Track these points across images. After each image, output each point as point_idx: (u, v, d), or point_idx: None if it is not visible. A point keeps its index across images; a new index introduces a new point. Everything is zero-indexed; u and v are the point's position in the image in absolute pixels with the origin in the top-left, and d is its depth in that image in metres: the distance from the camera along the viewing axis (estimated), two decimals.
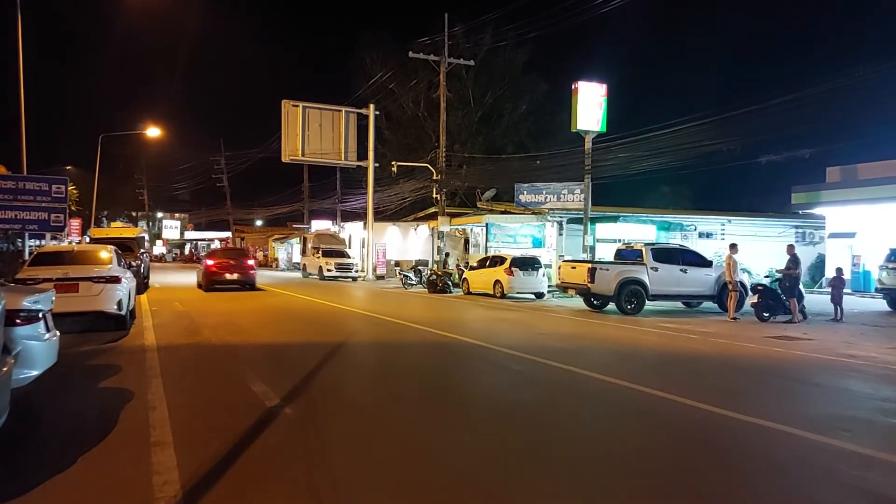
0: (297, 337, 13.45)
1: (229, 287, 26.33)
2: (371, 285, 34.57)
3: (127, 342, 12.06)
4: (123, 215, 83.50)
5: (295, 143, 38.74)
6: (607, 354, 11.98)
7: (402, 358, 11.21)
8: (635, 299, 19.72)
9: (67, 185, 21.47)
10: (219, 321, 15.58)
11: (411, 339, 13.31)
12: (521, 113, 48.34)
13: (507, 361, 10.55)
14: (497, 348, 11.66)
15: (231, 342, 12.15)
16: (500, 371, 9.97)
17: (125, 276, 14.02)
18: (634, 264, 20.16)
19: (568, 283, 21.12)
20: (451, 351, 11.78)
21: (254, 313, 17.88)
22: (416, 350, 11.97)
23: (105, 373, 9.05)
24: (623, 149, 28.40)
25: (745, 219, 33.03)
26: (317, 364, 9.79)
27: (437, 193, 34.23)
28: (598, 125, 27.62)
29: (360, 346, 12.21)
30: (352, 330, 14.45)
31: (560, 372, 9.64)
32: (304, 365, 9.76)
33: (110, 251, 14.43)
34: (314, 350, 11.49)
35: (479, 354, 11.35)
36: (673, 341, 13.69)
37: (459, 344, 12.39)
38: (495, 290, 25.65)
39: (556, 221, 30.52)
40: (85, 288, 12.80)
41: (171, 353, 10.77)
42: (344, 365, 10.10)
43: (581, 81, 27.46)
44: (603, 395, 8.31)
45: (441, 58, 33.73)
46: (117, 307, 13.10)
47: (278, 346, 12.13)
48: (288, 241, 59.75)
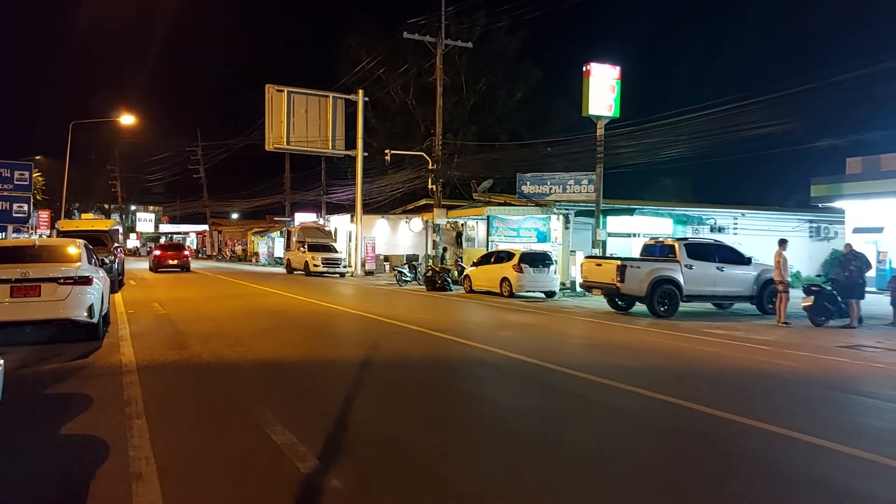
0: (303, 350, 11.29)
1: (171, 269, 37.11)
2: (361, 282, 32.43)
3: (100, 358, 9.87)
4: (96, 207, 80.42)
5: (279, 130, 36.39)
6: (690, 376, 9.94)
7: (448, 384, 8.98)
8: (669, 300, 17.84)
9: (32, 172, 19.10)
10: (207, 328, 13.40)
11: (443, 353, 11.17)
12: (515, 101, 46.29)
13: (585, 390, 8.46)
14: (558, 368, 9.58)
15: (227, 358, 10.00)
16: (586, 406, 7.85)
17: (97, 275, 11.79)
18: (667, 262, 18.24)
19: (592, 283, 19.13)
20: (501, 372, 9.64)
21: (245, 317, 15.71)
22: (458, 371, 9.82)
23: (71, 408, 6.89)
24: (633, 137, 26.52)
25: (759, 212, 31.29)
26: (342, 393, 7.71)
27: (433, 184, 32.09)
28: (611, 110, 25.65)
29: (384, 364, 10.04)
30: (365, 340, 12.31)
31: (659, 406, 7.61)
32: (327, 394, 7.69)
33: (80, 246, 12.17)
34: (330, 370, 9.42)
35: (541, 378, 9.20)
36: (743, 353, 11.75)
37: (506, 362, 10.23)
38: (502, 288, 23.64)
39: (562, 214, 28.54)
40: (48, 291, 10.59)
41: (156, 377, 8.61)
42: (378, 395, 7.96)
43: (593, 63, 25.46)
44: (734, 442, 6.30)
45: (437, 39, 31.57)
46: (87, 314, 10.90)
47: (285, 364, 9.97)
48: (268, 235, 57.29)
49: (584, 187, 28.97)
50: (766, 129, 24.34)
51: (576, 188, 29.15)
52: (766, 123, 23.80)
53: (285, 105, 36.37)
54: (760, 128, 24.16)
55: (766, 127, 24.11)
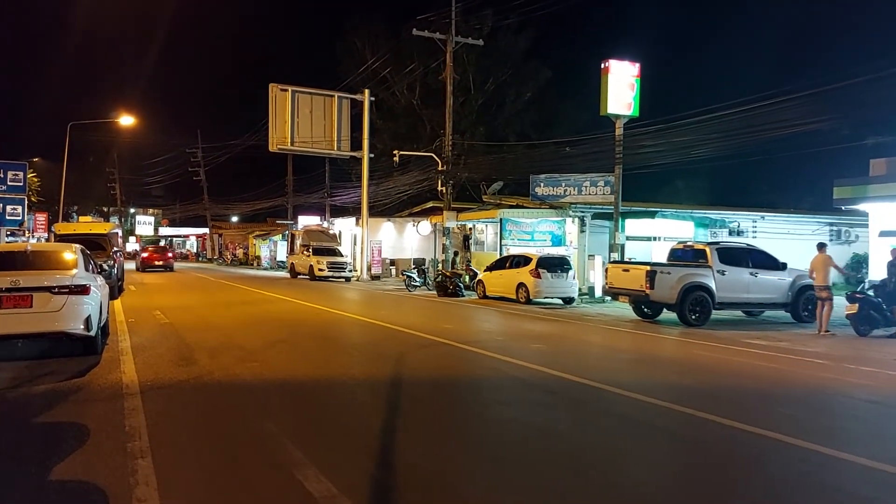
0: (323, 366, 10.24)
1: (156, 269, 41.65)
2: (368, 287, 31.40)
3: (98, 377, 8.84)
4: (94, 210, 79.30)
5: (283, 130, 35.39)
6: (764, 399, 8.93)
7: (498, 411, 7.76)
8: (700, 308, 16.85)
9: (26, 172, 18.08)
10: (214, 339, 12.37)
11: (478, 371, 10.05)
12: (524, 101, 45.23)
13: (654, 417, 7.40)
14: (612, 390, 8.53)
15: (240, 376, 8.97)
16: (665, 440, 6.79)
17: (95, 283, 10.77)
18: (698, 267, 17.25)
19: (619, 289, 18.12)
20: (553, 396, 8.53)
21: (254, 327, 14.67)
22: (503, 394, 8.63)
23: (64, 444, 5.87)
24: (651, 137, 25.52)
25: (779, 215, 30.31)
26: (377, 421, 6.71)
27: (443, 186, 31.05)
28: (631, 109, 24.68)
29: (418, 384, 8.94)
30: (390, 354, 11.28)
31: (749, 441, 6.60)
32: (360, 423, 6.68)
33: (76, 251, 11.15)
34: (359, 391, 8.38)
35: (601, 404, 8.09)
36: (802, 369, 10.73)
37: (554, 383, 9.10)
38: (518, 294, 22.62)
39: (577, 217, 27.54)
40: (41, 301, 9.57)
41: (161, 401, 7.59)
42: (421, 425, 6.89)
43: (612, 60, 24.50)
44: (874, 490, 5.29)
45: (448, 36, 30.55)
46: (85, 326, 9.87)
47: (305, 383, 8.92)
48: (270, 238, 56.21)
49: (601, 189, 27.96)
50: (785, 131, 23.40)
51: (592, 190, 28.13)
52: (786, 125, 22.88)
53: (289, 105, 35.40)
54: (778, 129, 23.22)
55: (784, 128, 23.17)
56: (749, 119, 23.15)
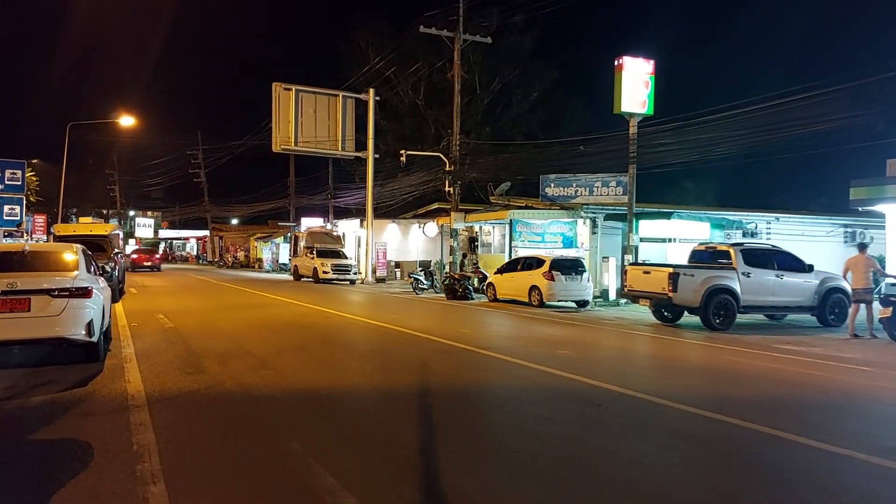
0: (342, 374, 9.55)
1: (144, 269, 45.24)
2: (374, 289, 30.76)
3: (101, 387, 8.20)
4: (94, 212, 78.58)
5: (287, 130, 34.73)
6: (827, 411, 8.30)
7: (545, 427, 6.85)
8: (724, 312, 16.21)
9: (25, 170, 17.44)
10: (222, 345, 11.71)
11: (510, 380, 9.31)
12: (531, 101, 44.60)
13: (726, 437, 6.77)
14: (664, 402, 7.85)
15: (254, 386, 8.32)
16: (749, 463, 6.18)
17: (97, 286, 10.13)
18: (722, 269, 16.62)
19: (638, 292, 17.47)
20: (598, 408, 7.89)
21: (263, 331, 14.02)
22: (544, 406, 7.78)
23: (65, 466, 5.24)
24: (665, 136, 24.90)
25: (793, 216, 29.68)
26: (413, 438, 6.06)
27: (451, 186, 30.38)
28: (645, 107, 24.05)
29: (448, 395, 8.21)
30: (410, 361, 10.63)
31: (843, 466, 5.96)
32: (395, 442, 6.04)
33: (77, 252, 10.50)
34: (386, 403, 7.74)
35: (658, 419, 7.35)
36: (850, 378, 10.11)
37: (593, 393, 8.43)
38: (531, 297, 21.98)
39: (589, 218, 26.90)
40: (40, 305, 8.93)
41: (171, 414, 6.95)
42: (464, 444, 6.12)
43: (626, 56, 23.87)
44: None
45: (455, 34, 29.90)
46: (86, 331, 9.23)
47: (326, 394, 8.22)
48: (272, 241, 55.53)
49: (613, 189, 27.34)
50: (797, 131, 22.78)
51: (603, 190, 27.50)
52: (798, 124, 22.26)
53: (293, 104, 34.75)
54: (791, 129, 22.60)
55: (796, 128, 22.55)
56: (762, 118, 22.53)
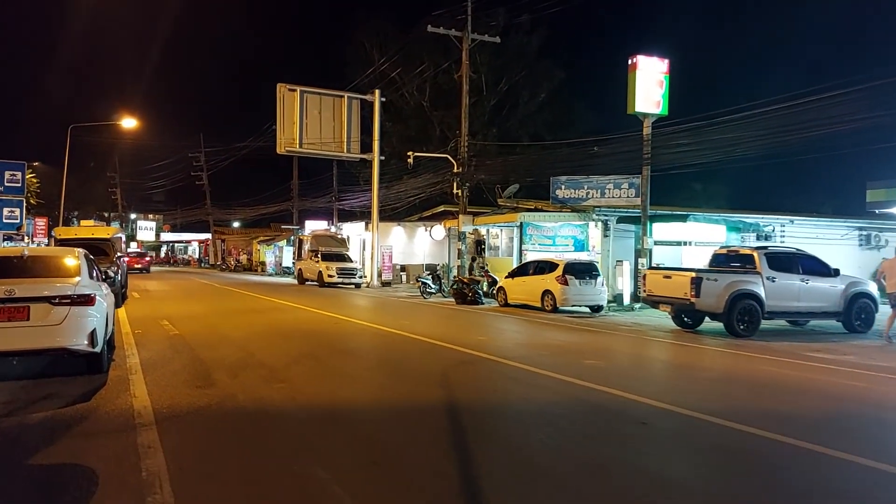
0: (361, 387, 8.96)
1: (134, 271, 45.53)
2: (380, 293, 30.22)
3: (105, 402, 7.65)
4: (95, 215, 78.08)
5: (291, 132, 34.20)
6: (888, 428, 7.73)
7: (594, 450, 6.27)
8: (748, 318, 15.65)
9: (25, 172, 16.91)
10: (231, 354, 11.16)
11: (543, 394, 8.62)
12: (537, 102, 44.06)
13: (799, 462, 6.25)
14: (713, 420, 7.27)
15: (269, 401, 7.76)
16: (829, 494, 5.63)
17: (100, 292, 9.57)
18: (746, 273, 16.07)
19: (659, 297, 16.91)
20: (644, 427, 7.26)
21: (272, 339, 13.46)
22: (587, 425, 7.19)
23: (66, 495, 4.68)
24: (679, 137, 24.35)
25: (808, 219, 29.11)
26: (451, 463, 5.50)
27: (459, 188, 29.84)
28: (659, 107, 23.46)
29: (479, 412, 7.49)
30: (430, 372, 10.05)
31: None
32: (433, 469, 5.47)
33: (79, 257, 9.95)
34: (414, 422, 7.15)
35: (714, 440, 6.73)
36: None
37: (635, 408, 7.76)
38: (544, 302, 21.41)
39: (601, 220, 26.34)
40: (39, 313, 8.39)
41: (182, 434, 6.40)
42: (510, 473, 5.49)
43: (640, 55, 23.31)
44: None
45: (463, 33, 29.37)
46: (89, 341, 8.68)
47: (347, 410, 7.61)
48: (275, 244, 55.01)
49: (625, 191, 26.78)
50: (811, 133, 22.23)
51: (615, 192, 26.94)
52: (812, 126, 21.71)
53: (297, 105, 34.23)
54: (805, 131, 22.06)
55: (811, 130, 22.00)
56: (779, 119, 21.98)
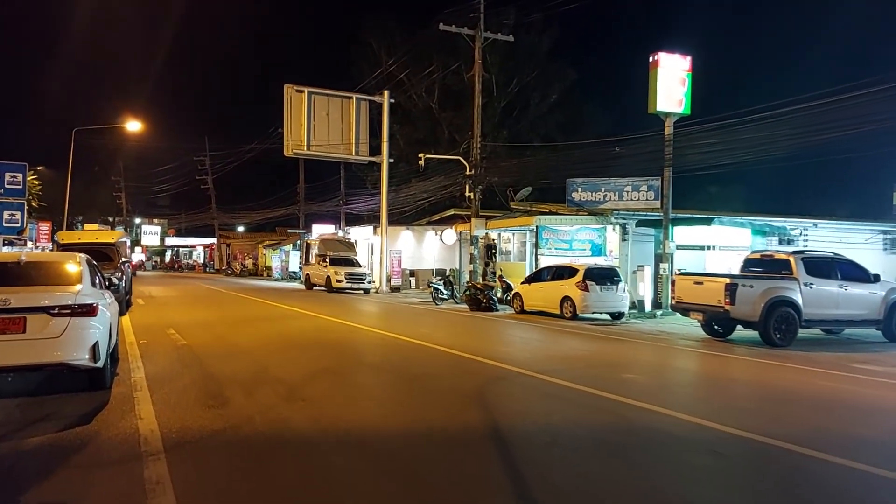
0: (392, 409, 8.10)
1: None
2: (391, 299, 29.44)
3: (108, 424, 6.87)
4: (100, 220, 77.43)
5: (299, 134, 33.41)
6: None
7: (674, 488, 5.50)
8: (785, 326, 14.86)
9: (26, 173, 16.18)
10: (244, 368, 10.38)
11: (594, 416, 7.77)
12: (548, 103, 43.30)
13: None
14: (801, 451, 6.46)
15: (290, 425, 6.97)
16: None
17: (104, 301, 8.81)
18: (783, 279, 15.27)
19: (689, 304, 16.09)
20: (740, 465, 6.12)
21: (286, 349, 12.69)
22: (658, 455, 6.44)
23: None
24: (697, 138, 23.58)
25: (831, 223, 28.29)
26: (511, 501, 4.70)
27: (471, 191, 29.07)
28: (682, 106, 22.75)
29: (533, 441, 6.59)
30: (463, 389, 9.25)
31: None
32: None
33: (80, 262, 9.18)
34: (461, 454, 6.30)
35: (811, 476, 5.95)
36: None
37: (711, 437, 6.82)
38: (563, 309, 20.61)
39: (619, 224, 25.56)
40: (37, 325, 7.64)
41: (194, 465, 5.62)
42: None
43: (661, 53, 22.58)
44: None
45: (476, 31, 28.62)
46: (91, 356, 7.92)
47: (382, 437, 6.76)
48: (281, 248, 54.27)
49: (644, 194, 26.04)
50: (833, 134, 21.44)
51: (634, 195, 26.19)
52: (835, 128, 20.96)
53: (305, 107, 33.44)
54: (828, 132, 21.29)
55: (832, 132, 21.23)
56: (804, 119, 21.21)
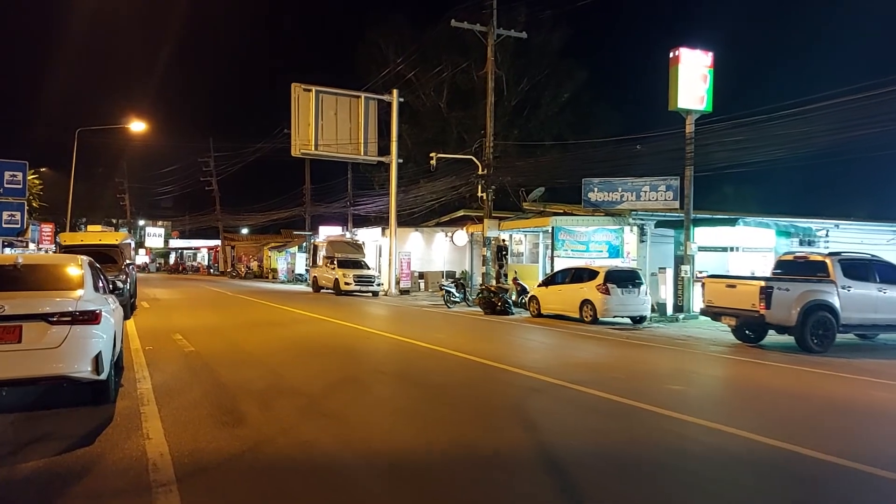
0: (430, 427, 7.24)
1: None
2: (401, 302, 28.73)
3: (112, 445, 6.15)
4: (103, 222, 76.84)
5: (307, 133, 32.74)
6: None
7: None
8: (823, 331, 14.14)
9: (26, 172, 15.49)
10: (259, 378, 9.66)
11: (662, 439, 7.00)
12: (560, 102, 42.60)
13: None
14: None
15: (317, 446, 6.25)
16: None
17: (107, 307, 8.11)
18: (819, 282, 14.53)
19: (721, 308, 15.36)
20: (835, 497, 5.78)
21: (301, 356, 11.98)
22: (749, 491, 5.81)
23: None
24: (719, 136, 22.83)
25: (853, 224, 27.53)
26: None
27: (484, 192, 28.34)
28: (703, 103, 22.04)
29: (590, 465, 5.86)
30: (501, 404, 8.51)
31: None
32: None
33: (82, 265, 8.47)
34: (517, 487, 5.59)
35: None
36: None
37: (790, 461, 6.03)
38: (583, 312, 19.87)
39: (637, 225, 24.83)
40: (34, 333, 6.95)
41: (211, 498, 4.90)
42: None
43: (683, 48, 21.88)
44: None
45: (489, 28, 27.90)
46: (93, 367, 7.22)
47: (422, 462, 6.02)
48: (287, 250, 53.58)
49: (662, 194, 25.27)
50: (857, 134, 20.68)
51: (652, 195, 25.42)
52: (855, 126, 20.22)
53: (313, 106, 32.78)
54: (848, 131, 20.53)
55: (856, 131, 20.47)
56: (829, 116, 20.44)
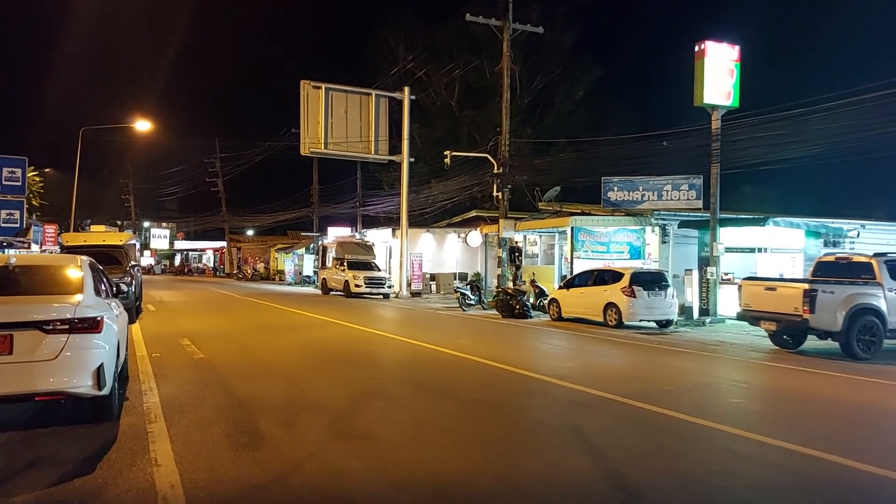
0: (477, 452, 6.32)
1: None
2: (413, 305, 27.93)
3: (115, 474, 5.33)
4: (108, 223, 76.14)
5: (316, 132, 31.96)
6: None
7: None
8: (870, 336, 13.30)
9: (25, 169, 14.72)
10: (276, 389, 8.85)
11: (723, 456, 6.42)
12: (574, 101, 41.78)
13: None
14: None
15: (352, 477, 5.41)
16: None
17: (110, 313, 7.28)
18: (865, 285, 13.69)
19: (760, 313, 14.50)
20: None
21: (320, 365, 11.17)
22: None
23: None
24: (744, 132, 21.97)
25: (880, 224, 26.69)
26: None
27: (499, 191, 27.52)
28: (730, 98, 21.19)
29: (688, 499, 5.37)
30: (548, 421, 7.67)
31: None
32: None
33: (82, 267, 7.66)
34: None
35: None
36: None
37: None
38: (607, 316, 19.04)
39: (659, 225, 23.99)
40: (27, 344, 6.15)
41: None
42: None
43: (708, 42, 21.03)
44: None
45: (504, 22, 27.11)
46: (94, 381, 6.41)
47: (465, 495, 5.28)
48: (294, 252, 52.81)
49: (685, 193, 24.44)
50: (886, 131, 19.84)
51: (674, 194, 24.59)
52: None
53: (322, 104, 32.01)
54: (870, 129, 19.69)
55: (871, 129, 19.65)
56: (843, 116, 19.60)
